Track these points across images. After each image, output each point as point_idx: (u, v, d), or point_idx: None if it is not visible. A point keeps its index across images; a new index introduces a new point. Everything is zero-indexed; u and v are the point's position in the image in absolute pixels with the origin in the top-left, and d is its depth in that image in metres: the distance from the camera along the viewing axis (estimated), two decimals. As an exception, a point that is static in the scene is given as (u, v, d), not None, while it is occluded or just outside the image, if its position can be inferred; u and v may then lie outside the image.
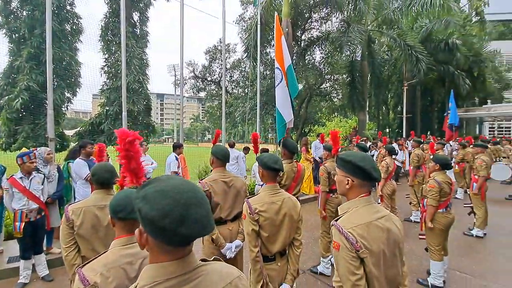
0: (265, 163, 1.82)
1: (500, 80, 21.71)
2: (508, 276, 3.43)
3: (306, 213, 5.98)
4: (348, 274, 1.19)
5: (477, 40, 18.53)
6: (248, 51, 12.31)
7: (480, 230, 4.70)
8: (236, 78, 18.45)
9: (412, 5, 12.23)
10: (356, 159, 1.29)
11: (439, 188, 3.05)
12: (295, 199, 1.92)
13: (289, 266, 1.88)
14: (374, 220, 1.25)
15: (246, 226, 1.78)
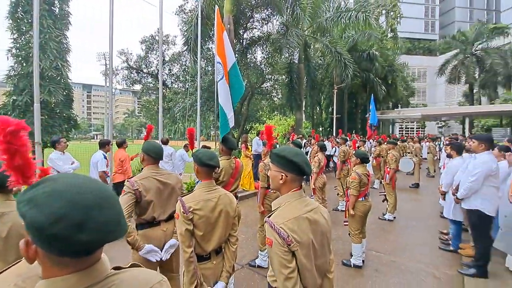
0: (199, 159, 1.77)
1: (408, 88, 25.97)
2: (411, 251, 4.12)
3: (246, 209, 6.09)
4: (281, 267, 1.23)
5: (391, 53, 21.74)
6: (188, 44, 11.83)
7: (391, 214, 5.53)
8: (176, 72, 17.57)
9: (341, 17, 13.60)
10: (289, 154, 1.34)
11: (360, 179, 3.47)
12: (232, 196, 1.92)
13: (224, 263, 1.87)
14: (304, 213, 1.31)
15: (179, 226, 1.69)
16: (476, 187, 3.14)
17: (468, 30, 27.29)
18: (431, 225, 5.28)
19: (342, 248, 4.19)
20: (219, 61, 3.71)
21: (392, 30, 24.74)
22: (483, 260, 3.18)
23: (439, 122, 30.20)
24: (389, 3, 26.81)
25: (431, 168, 11.06)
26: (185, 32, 12.57)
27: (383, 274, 3.46)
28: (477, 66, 25.10)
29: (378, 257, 3.95)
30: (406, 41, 37.70)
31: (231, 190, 2.92)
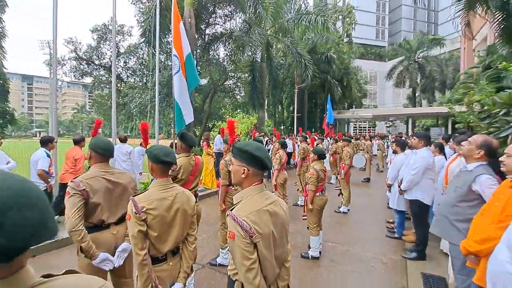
0: (155, 156, 1.67)
1: (361, 90, 27.95)
2: (363, 241, 4.44)
3: (208, 207, 5.98)
4: (243, 259, 1.25)
5: (346, 56, 23.15)
6: (146, 36, 11.17)
7: (346, 207, 5.91)
8: (133, 65, 16.47)
9: (302, 19, 14.09)
10: (252, 148, 1.36)
11: (317, 175, 3.62)
12: (190, 193, 1.85)
13: (182, 263, 1.80)
14: (265, 206, 1.35)
15: (131, 227, 1.58)
16: (416, 179, 3.51)
17: (412, 39, 30.36)
18: (380, 215, 5.76)
19: (301, 241, 4.34)
20: (176, 54, 3.56)
21: (348, 35, 26.38)
22: (422, 244, 3.57)
23: (387, 122, 33.14)
24: (345, 10, 28.50)
25: (380, 163, 12.08)
26: (142, 23, 11.84)
27: (338, 264, 3.68)
28: (419, 72, 28.08)
29: (334, 247, 4.18)
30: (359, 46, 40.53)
31: (191, 188, 2.83)
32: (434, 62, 27.12)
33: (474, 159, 2.18)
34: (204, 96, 16.73)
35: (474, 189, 2.08)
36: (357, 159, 8.91)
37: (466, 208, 2.13)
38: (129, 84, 15.85)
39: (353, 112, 23.85)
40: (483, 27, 13.01)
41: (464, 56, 18.40)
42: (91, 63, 15.92)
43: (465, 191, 2.13)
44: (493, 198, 1.85)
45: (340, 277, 3.36)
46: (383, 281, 3.27)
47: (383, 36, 55.13)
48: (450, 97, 16.54)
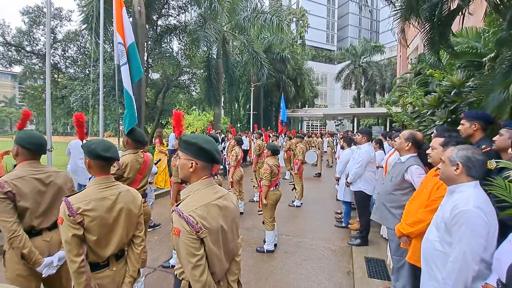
0: (92, 151, 1.50)
1: (313, 91, 29.46)
2: (314, 231, 4.69)
3: (161, 208, 5.70)
4: (189, 256, 1.19)
5: (300, 57, 24.15)
6: (88, 22, 10.09)
7: (299, 201, 6.17)
8: (73, 54, 14.72)
9: (258, 18, 14.23)
10: (200, 141, 1.31)
11: (271, 170, 3.70)
12: (136, 192, 1.71)
13: (127, 268, 1.66)
14: (214, 200, 1.31)
15: (64, 232, 1.40)
16: (360, 172, 3.83)
17: (357, 45, 33.00)
18: (329, 207, 6.16)
19: (257, 236, 4.41)
20: (121, 41, 3.25)
21: (301, 37, 27.55)
22: (365, 231, 3.91)
23: (336, 121, 35.62)
24: (299, 13, 29.68)
25: (330, 159, 12.91)
26: (83, 8, 10.66)
27: (292, 254, 3.82)
28: (363, 75, 30.73)
29: (288, 240, 4.33)
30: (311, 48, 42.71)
31: (139, 188, 2.63)
32: (375, 67, 29.96)
33: (405, 151, 2.46)
34: (157, 91, 15.82)
35: (406, 178, 2.35)
36: (309, 155, 9.38)
37: (400, 195, 2.39)
38: (68, 75, 14.15)
39: (306, 111, 25.08)
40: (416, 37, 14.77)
41: (400, 63, 20.67)
42: (22, 49, 13.78)
43: (399, 180, 2.39)
44: (422, 186, 2.10)
45: (293, 266, 3.50)
46: (332, 267, 3.51)
47: (332, 40, 58.95)
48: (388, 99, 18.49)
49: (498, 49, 3.66)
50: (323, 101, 44.73)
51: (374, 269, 3.22)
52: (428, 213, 1.83)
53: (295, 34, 27.04)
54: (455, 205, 1.38)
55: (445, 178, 1.54)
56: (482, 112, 2.21)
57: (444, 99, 4.58)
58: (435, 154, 1.98)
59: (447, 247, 1.42)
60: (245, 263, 3.53)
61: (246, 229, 4.75)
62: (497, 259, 1.11)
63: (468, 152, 1.44)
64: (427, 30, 4.05)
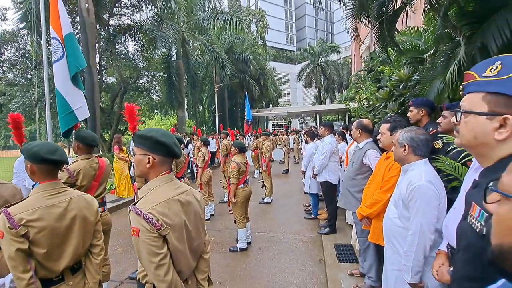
0: (35, 154, 1.32)
1: (276, 90, 30.08)
2: (285, 225, 4.76)
3: (124, 217, 5.33)
4: (151, 256, 1.12)
5: (261, 58, 24.49)
6: (27, 21, 9.08)
7: (269, 197, 6.23)
8: (11, 57, 13.14)
9: (217, 18, 14.10)
10: (157, 134, 1.23)
11: (238, 168, 3.67)
12: (90, 197, 1.56)
13: (86, 281, 1.50)
14: (175, 196, 1.24)
15: (6, 247, 1.22)
16: (325, 163, 4.00)
17: (315, 46, 34.51)
18: (298, 201, 6.31)
19: (229, 236, 4.35)
20: (56, 37, 2.93)
21: (262, 38, 27.97)
22: (333, 219, 4.08)
23: (300, 118, 36.81)
24: (258, 14, 30.13)
25: (296, 155, 13.28)
26: (20, 4, 9.57)
27: (266, 250, 3.83)
28: (322, 74, 32.20)
29: (260, 236, 4.34)
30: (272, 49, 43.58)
31: (96, 196, 2.41)
32: (333, 66, 31.62)
33: (359, 138, 2.63)
34: (113, 96, 14.82)
35: (365, 162, 2.50)
36: (276, 153, 9.54)
37: (361, 179, 2.54)
38: (6, 81, 12.60)
39: (270, 110, 25.51)
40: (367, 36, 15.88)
41: (354, 61, 22.07)
42: None
43: (358, 165, 2.54)
44: (376, 170, 2.25)
45: (267, 261, 3.51)
46: (305, 256, 3.60)
47: (292, 41, 60.84)
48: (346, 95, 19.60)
49: (437, 45, 4.08)
50: (286, 100, 45.90)
51: (343, 254, 3.37)
52: (383, 193, 1.96)
53: (255, 35, 27.38)
54: (410, 182, 1.49)
55: (397, 159, 1.66)
56: (427, 99, 2.44)
57: (394, 92, 4.99)
58: (384, 138, 2.14)
59: (406, 222, 1.53)
60: (218, 264, 3.46)
61: (218, 230, 4.66)
62: (445, 226, 1.22)
63: (412, 133, 1.58)
64: (376, 27, 4.36)
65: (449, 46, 3.29)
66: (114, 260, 3.67)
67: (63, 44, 2.92)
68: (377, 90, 6.32)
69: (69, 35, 2.98)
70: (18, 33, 12.31)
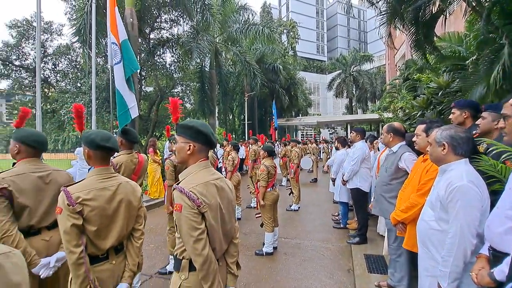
0: (92, 141, 1.49)
1: (306, 100, 29.89)
2: (312, 233, 4.67)
3: (155, 218, 5.60)
4: (191, 230, 1.22)
5: (292, 68, 24.62)
6: (80, 35, 10.16)
7: (296, 205, 6.16)
8: (64, 68, 14.70)
9: (249, 29, 14.57)
10: (197, 124, 1.37)
11: (267, 171, 3.72)
12: (135, 184, 1.71)
13: (127, 262, 1.63)
14: (212, 180, 1.36)
15: (63, 222, 1.37)
16: (356, 169, 3.89)
17: (347, 55, 33.91)
18: (326, 210, 6.15)
19: (255, 240, 4.37)
20: (114, 41, 3.29)
21: (292, 48, 28.20)
22: (364, 229, 3.92)
23: (330, 128, 36.03)
24: (289, 25, 30.51)
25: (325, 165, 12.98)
26: (74, 21, 10.75)
27: (292, 256, 3.79)
28: (354, 84, 31.42)
29: (287, 242, 4.31)
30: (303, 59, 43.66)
31: (134, 189, 2.60)
32: (366, 76, 30.73)
33: (392, 142, 2.54)
34: (150, 104, 15.81)
35: (401, 166, 2.40)
36: (304, 161, 9.39)
37: (397, 184, 2.44)
38: (59, 89, 14.08)
39: (299, 119, 25.34)
40: (402, 45, 15.31)
41: (389, 70, 21.28)
42: (9, 63, 13.70)
43: (393, 170, 2.45)
44: (412, 173, 2.16)
45: (293, 267, 3.46)
46: (332, 265, 3.49)
47: (323, 51, 60.42)
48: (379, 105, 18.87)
49: (479, 51, 3.85)
50: (316, 110, 45.32)
51: (374, 265, 3.22)
52: (420, 197, 1.87)
53: (286, 45, 27.68)
54: (450, 182, 1.42)
55: (435, 159, 1.59)
56: (471, 101, 2.31)
57: (432, 100, 4.75)
58: (420, 140, 2.06)
59: (444, 225, 1.45)
60: (244, 266, 3.48)
61: (244, 233, 4.71)
62: (487, 226, 1.15)
63: (451, 131, 1.50)
64: (412, 32, 4.23)
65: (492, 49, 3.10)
66: (146, 255, 3.86)
67: (120, 49, 3.27)
68: (414, 98, 6.05)
69: (124, 41, 3.34)
70: (71, 47, 13.77)
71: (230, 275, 1.47)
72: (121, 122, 3.01)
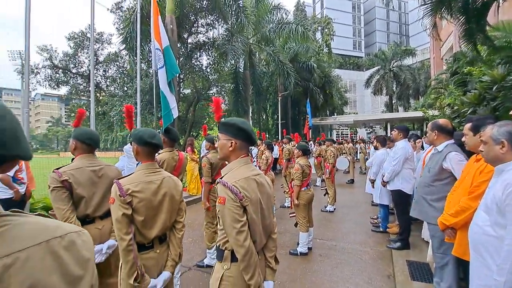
0: (140, 138, 1.64)
1: (341, 98, 28.83)
2: (349, 236, 4.51)
3: (193, 213, 5.86)
4: (233, 222, 1.28)
5: (326, 65, 23.94)
6: (126, 42, 11.05)
7: (332, 206, 5.99)
8: (113, 74, 16.14)
9: (283, 28, 14.53)
10: (239, 122, 1.43)
11: (302, 170, 3.68)
12: (177, 179, 1.82)
13: (169, 252, 1.75)
14: (252, 176, 1.41)
15: (115, 211, 1.52)
16: (398, 169, 3.66)
17: (387, 50, 31.97)
18: (364, 212, 5.89)
19: (289, 240, 4.34)
20: (158, 47, 3.56)
21: (327, 45, 27.39)
22: (406, 234, 3.68)
23: (367, 128, 34.28)
24: (324, 21, 29.71)
25: (363, 165, 12.40)
26: (122, 30, 11.71)
27: (327, 257, 3.70)
28: (394, 80, 29.50)
29: (322, 243, 4.21)
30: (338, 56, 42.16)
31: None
32: (408, 71, 28.64)
33: (437, 140, 2.34)
34: (188, 105, 16.62)
35: (445, 167, 2.20)
36: (340, 162, 9.08)
37: (440, 186, 2.25)
38: (109, 93, 15.47)
39: (335, 118, 24.53)
40: (449, 36, 14.01)
41: (434, 64, 19.57)
42: (68, 71, 15.42)
43: (437, 170, 2.26)
44: (463, 174, 1.97)
45: (329, 269, 3.38)
46: (371, 270, 3.33)
47: (360, 47, 57.74)
48: (423, 102, 17.47)
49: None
50: (352, 108, 43.49)
51: (417, 272, 3.01)
52: (473, 200, 1.71)
53: (320, 42, 26.99)
54: (508, 183, 1.28)
55: (491, 158, 1.44)
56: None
57: (485, 95, 4.28)
58: (468, 140, 1.89)
59: (500, 230, 1.31)
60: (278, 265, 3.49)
61: (278, 233, 4.64)
62: None
63: (509, 127, 1.35)
64: (462, 21, 3.87)
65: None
66: (184, 248, 4.01)
67: (163, 54, 3.55)
68: (463, 94, 5.50)
69: (166, 47, 3.62)
70: (119, 54, 15.05)
71: (269, 269, 1.51)
72: (165, 121, 3.25)
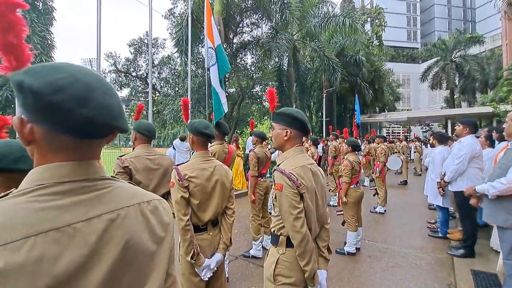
0: (195, 128, 1.76)
1: (393, 94, 26.74)
2: (402, 239, 4.20)
3: (238, 206, 6.01)
4: (291, 208, 1.32)
5: (377, 59, 22.39)
6: (178, 45, 11.84)
7: (382, 207, 5.62)
8: (166, 75, 17.49)
9: (329, 22, 14.00)
10: (293, 111, 1.47)
11: (351, 166, 3.53)
12: (227, 167, 1.92)
13: (221, 235, 1.85)
14: (307, 164, 1.43)
15: (174, 194, 1.68)
16: (462, 168, 3.25)
17: (448, 39, 28.55)
18: (419, 216, 5.40)
19: (335, 239, 4.21)
20: (211, 46, 3.76)
21: (378, 37, 25.56)
22: (471, 240, 3.27)
23: (423, 126, 31.17)
24: (374, 12, 27.81)
25: (418, 167, 11.36)
26: (175, 34, 12.58)
27: (377, 259, 3.50)
28: (457, 72, 26.20)
29: (371, 245, 4.00)
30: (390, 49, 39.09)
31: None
32: (474, 61, 25.10)
33: None
34: (233, 103, 17.15)
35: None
36: (392, 161, 8.39)
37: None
38: (162, 93, 16.80)
39: (385, 115, 22.82)
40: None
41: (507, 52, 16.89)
42: (129, 75, 17.17)
43: (510, 167, 1.96)
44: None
45: (380, 271, 3.20)
46: (427, 276, 3.06)
47: (415, 37, 52.67)
48: (493, 96, 15.19)
49: None
50: (406, 104, 40.00)
51: (483, 283, 2.66)
52: None
53: (370, 34, 25.35)
54: None
55: None
56: None
57: None
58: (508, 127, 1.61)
59: None
60: (323, 261, 3.42)
61: (323, 230, 4.60)
62: None
63: None
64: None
65: None
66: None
67: (215, 52, 3.76)
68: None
69: (219, 45, 3.83)
70: (172, 57, 16.23)
71: (322, 258, 1.52)
72: (216, 116, 3.44)
